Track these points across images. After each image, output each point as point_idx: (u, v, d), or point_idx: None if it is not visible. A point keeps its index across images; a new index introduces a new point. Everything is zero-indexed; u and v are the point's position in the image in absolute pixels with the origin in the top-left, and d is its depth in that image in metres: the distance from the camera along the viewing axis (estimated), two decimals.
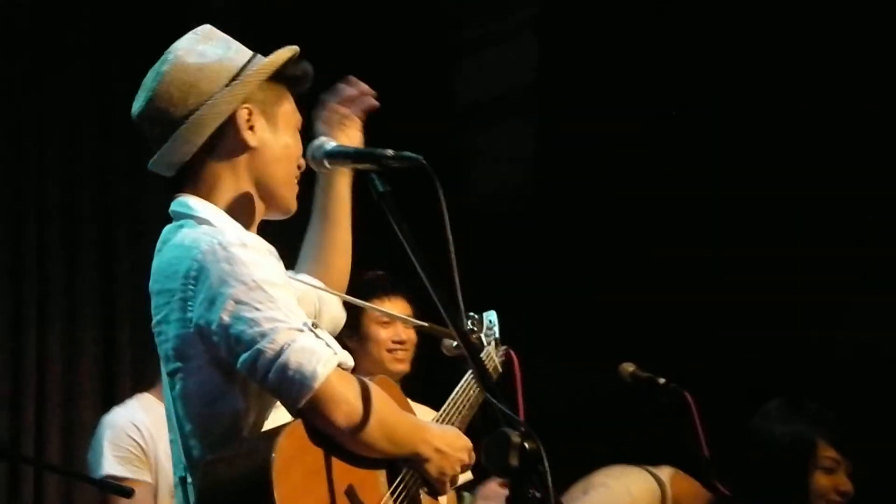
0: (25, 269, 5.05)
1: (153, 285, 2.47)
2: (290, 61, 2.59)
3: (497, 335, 3.22)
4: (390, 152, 2.48)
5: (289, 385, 2.28)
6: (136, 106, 2.56)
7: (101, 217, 5.26)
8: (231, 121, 2.51)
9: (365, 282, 3.90)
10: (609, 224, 5.66)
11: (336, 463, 2.34)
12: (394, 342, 4.10)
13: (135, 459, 3.92)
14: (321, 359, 2.29)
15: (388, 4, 6.11)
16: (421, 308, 3.75)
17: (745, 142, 5.34)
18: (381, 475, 2.46)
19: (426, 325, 3.03)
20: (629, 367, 4.44)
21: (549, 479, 2.19)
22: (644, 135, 5.62)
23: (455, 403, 2.93)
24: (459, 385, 2.99)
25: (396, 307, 4.04)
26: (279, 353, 2.28)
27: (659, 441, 4.52)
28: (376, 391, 2.39)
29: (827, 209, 5.13)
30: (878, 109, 5.04)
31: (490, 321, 3.22)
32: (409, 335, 4.13)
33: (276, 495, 2.21)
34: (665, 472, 4.07)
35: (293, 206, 2.61)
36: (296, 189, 2.61)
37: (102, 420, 4.07)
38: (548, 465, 2.18)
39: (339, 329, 2.90)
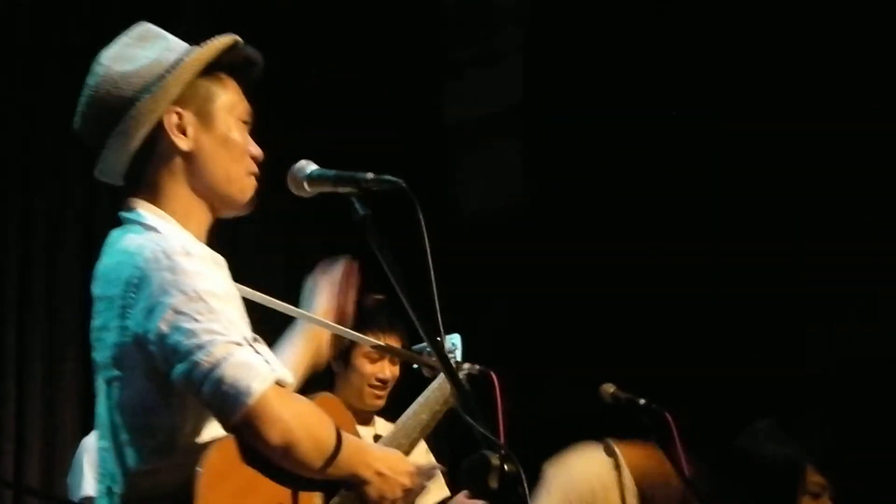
0: (5, 275, 5.05)
1: (95, 289, 2.44)
2: (228, 50, 2.51)
3: (458, 358, 3.21)
4: (370, 175, 2.45)
5: (222, 400, 2.24)
6: (75, 121, 2.53)
7: (86, 223, 5.26)
8: (160, 127, 2.46)
9: (364, 310, 3.83)
10: (598, 245, 5.66)
11: (267, 483, 2.30)
12: (377, 379, 4.11)
13: None
14: (258, 374, 2.26)
15: (376, 25, 6.14)
16: (412, 335, 3.75)
17: (735, 160, 5.36)
18: (317, 497, 2.41)
19: (416, 357, 3.03)
20: (609, 388, 4.44)
21: (529, 501, 2.21)
22: (632, 153, 5.65)
23: (405, 426, 2.93)
24: (412, 408, 2.99)
25: (391, 342, 4.02)
26: (214, 367, 2.24)
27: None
28: (315, 411, 2.36)
29: (827, 211, 5.14)
30: (878, 109, 5.05)
31: (453, 343, 3.22)
32: (394, 373, 4.13)
33: None
34: (613, 442, 4.07)
35: (245, 201, 2.54)
36: (250, 183, 2.55)
37: (82, 443, 4.05)
38: (527, 487, 2.20)
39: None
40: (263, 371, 2.27)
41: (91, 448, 3.94)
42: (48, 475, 4.81)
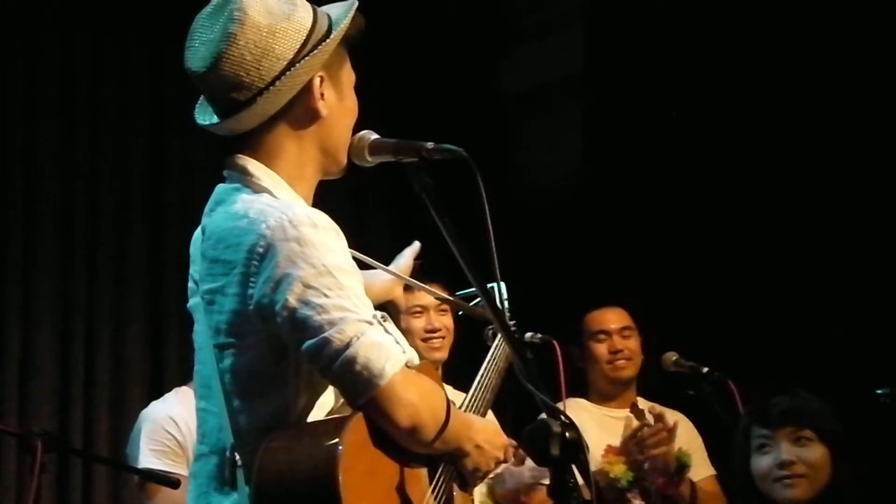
0: (74, 259, 5.15)
1: (209, 250, 2.41)
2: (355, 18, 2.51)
3: (506, 307, 3.24)
4: (431, 144, 2.48)
5: (354, 379, 2.26)
6: (198, 62, 2.45)
7: (151, 210, 5.33)
8: (305, 89, 2.45)
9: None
10: (661, 214, 5.67)
11: (386, 461, 2.35)
12: (427, 331, 4.19)
13: (171, 453, 3.96)
14: (390, 356, 2.27)
15: None
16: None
17: (806, 128, 5.30)
18: (423, 472, 2.47)
19: (464, 304, 3.05)
20: (672, 357, 4.48)
21: (590, 468, 2.24)
22: (697, 124, 5.61)
23: (481, 387, 2.97)
24: (483, 368, 3.03)
25: (428, 296, 4.08)
26: (347, 345, 2.25)
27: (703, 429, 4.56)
28: (436, 390, 2.40)
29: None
30: None
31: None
32: (444, 322, 4.22)
33: (342, 492, 2.21)
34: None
35: (345, 166, 2.57)
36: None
37: (141, 415, 4.11)
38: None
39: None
40: (395, 353, 2.29)
41: (150, 419, 4.02)
42: (117, 444, 4.88)
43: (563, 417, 2.24)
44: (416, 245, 3.12)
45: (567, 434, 2.21)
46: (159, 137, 5.38)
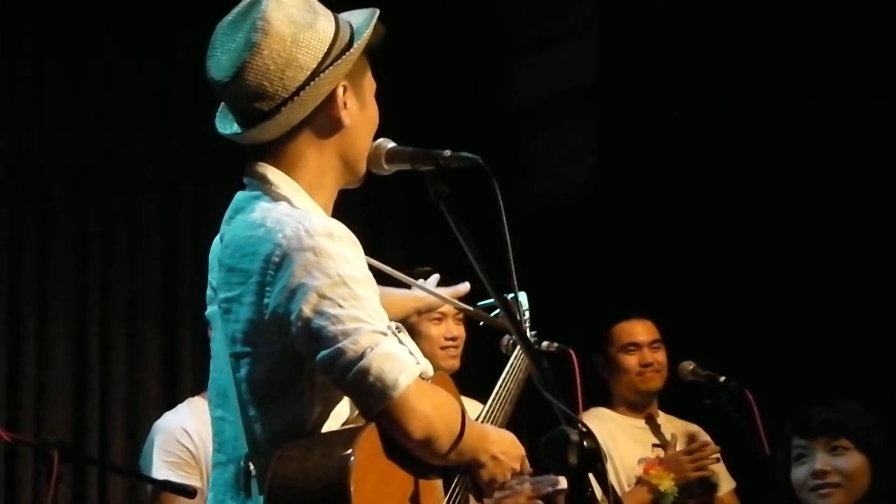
0: (89, 268, 5.15)
1: (226, 259, 2.43)
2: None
3: (527, 318, 3.24)
4: (448, 152, 2.49)
5: (367, 390, 2.26)
6: (221, 72, 2.45)
7: (165, 220, 5.34)
8: (328, 98, 2.46)
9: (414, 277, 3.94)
10: (675, 227, 5.64)
11: (399, 472, 2.36)
12: (446, 339, 4.19)
13: (184, 465, 3.97)
14: (404, 368, 2.28)
15: (445, 4, 6.13)
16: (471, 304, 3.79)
17: (823, 134, 5.27)
18: (438, 483, 2.48)
19: (484, 314, 3.05)
20: (689, 365, 4.49)
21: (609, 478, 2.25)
22: (713, 134, 5.58)
23: (499, 398, 2.95)
24: (501, 378, 3.02)
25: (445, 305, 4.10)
26: (361, 356, 2.25)
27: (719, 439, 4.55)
28: (450, 401, 2.40)
29: None
30: None
31: (520, 303, 3.23)
32: (460, 332, 4.23)
33: (354, 503, 2.21)
34: None
35: (364, 175, 2.57)
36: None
37: (154, 426, 4.12)
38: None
39: None
40: (409, 364, 2.30)
41: (163, 430, 4.03)
42: (132, 452, 4.85)
43: (580, 426, 2.24)
44: (436, 276, 3.12)
45: (585, 443, 2.21)
46: (170, 140, 5.39)
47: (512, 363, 3.06)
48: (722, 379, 4.32)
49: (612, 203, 5.97)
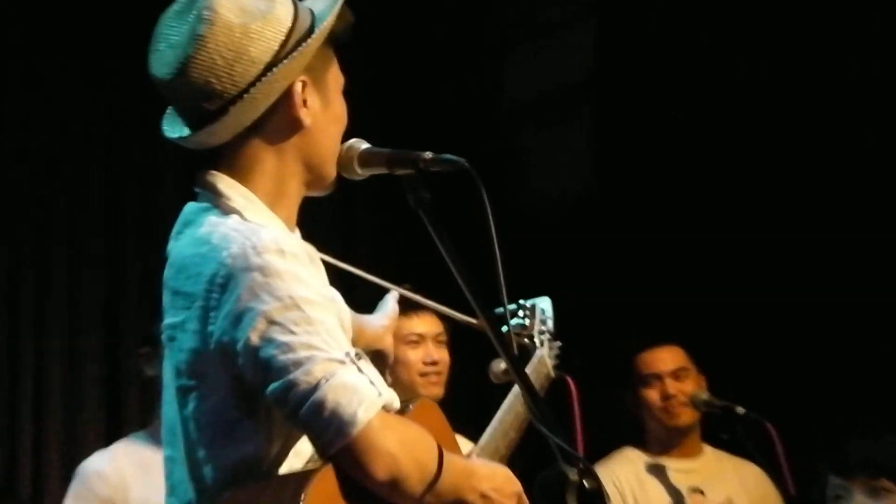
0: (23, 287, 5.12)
1: (170, 280, 2.39)
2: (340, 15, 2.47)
3: (551, 328, 3.19)
4: (429, 155, 2.45)
5: (323, 426, 2.21)
6: (164, 68, 2.41)
7: (111, 228, 5.29)
8: (285, 96, 2.42)
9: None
10: (685, 236, 5.62)
11: None
12: (425, 363, 4.13)
13: None
14: (363, 400, 2.22)
15: None
16: (454, 327, 3.74)
17: (829, 140, 5.29)
18: None
19: (473, 321, 2.98)
20: (702, 395, 4.45)
21: None
22: (717, 134, 5.59)
23: (502, 426, 2.91)
24: (505, 403, 2.98)
25: (426, 324, 4.04)
26: (314, 388, 2.20)
27: None
28: (421, 437, 2.33)
29: None
30: None
31: (543, 311, 3.18)
32: (442, 356, 4.16)
33: None
34: None
35: (333, 181, 2.53)
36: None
37: (76, 470, 4.10)
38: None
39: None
40: (369, 396, 2.23)
41: (78, 476, 4.03)
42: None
43: (580, 464, 2.20)
44: (395, 294, 3.04)
45: (586, 483, 2.19)
46: (118, 149, 5.36)
47: (505, 407, 3.00)
48: (740, 410, 4.29)
49: (612, 211, 5.97)
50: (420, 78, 6.02)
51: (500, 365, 3.01)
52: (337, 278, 2.60)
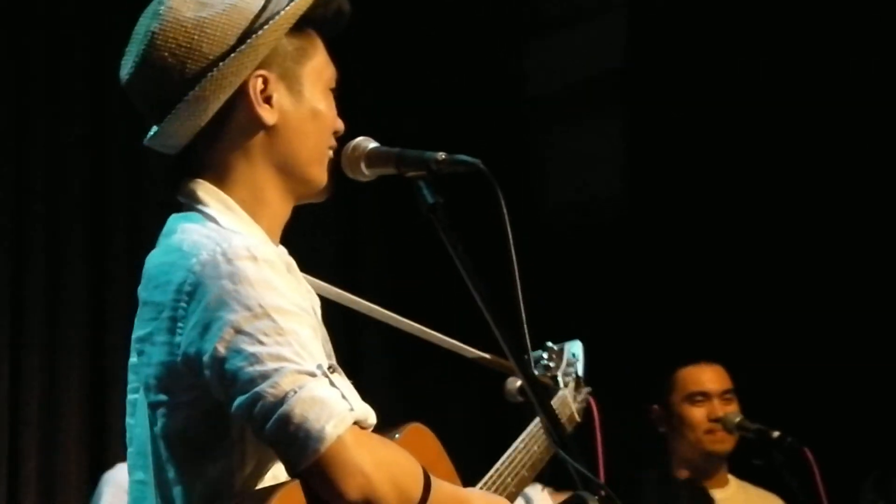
0: None
1: (142, 291, 2.40)
2: (319, 2, 2.48)
3: (580, 372, 3.20)
4: (442, 155, 2.46)
5: (289, 442, 2.21)
6: (124, 71, 2.46)
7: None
8: (241, 93, 2.43)
9: None
10: (713, 236, 5.65)
11: None
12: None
13: None
14: (333, 414, 2.21)
15: None
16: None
17: (872, 136, 5.30)
18: None
19: (488, 356, 3.01)
20: (735, 418, 4.46)
21: None
22: (754, 130, 5.60)
23: (512, 461, 2.92)
24: (521, 438, 2.99)
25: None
26: (281, 401, 2.20)
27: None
28: (400, 458, 2.32)
29: None
30: None
31: (573, 354, 3.19)
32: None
33: None
34: None
35: (324, 186, 2.52)
36: (328, 164, 2.52)
37: (103, 477, 4.16)
38: None
39: None
40: (339, 410, 2.23)
41: (113, 482, 4.10)
42: None
43: (601, 491, 2.23)
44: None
45: None
46: (101, 154, 5.39)
47: (524, 437, 3.02)
48: (775, 434, 4.30)
49: (645, 215, 5.98)
50: (433, 70, 6.03)
51: (516, 383, 3.03)
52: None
